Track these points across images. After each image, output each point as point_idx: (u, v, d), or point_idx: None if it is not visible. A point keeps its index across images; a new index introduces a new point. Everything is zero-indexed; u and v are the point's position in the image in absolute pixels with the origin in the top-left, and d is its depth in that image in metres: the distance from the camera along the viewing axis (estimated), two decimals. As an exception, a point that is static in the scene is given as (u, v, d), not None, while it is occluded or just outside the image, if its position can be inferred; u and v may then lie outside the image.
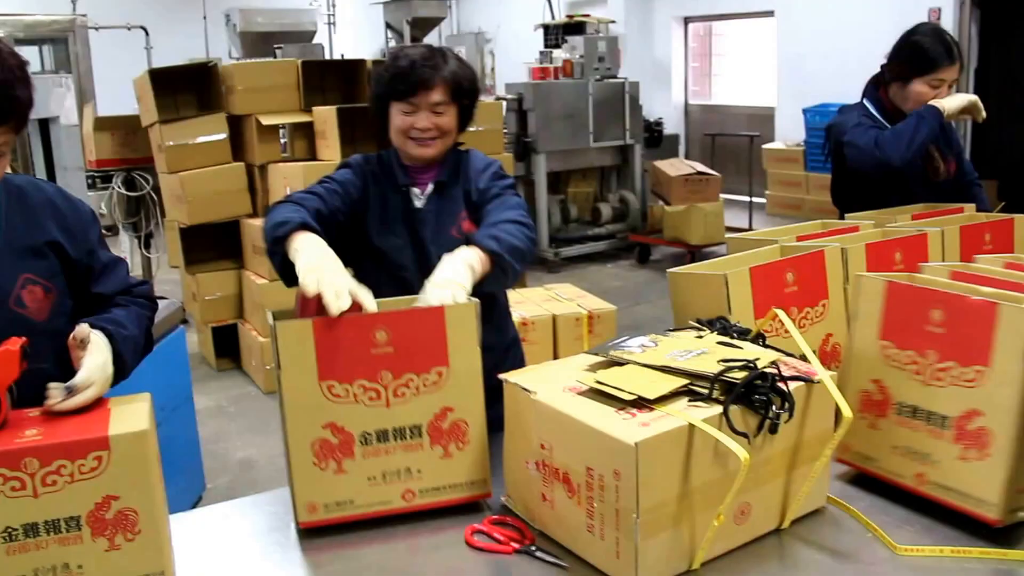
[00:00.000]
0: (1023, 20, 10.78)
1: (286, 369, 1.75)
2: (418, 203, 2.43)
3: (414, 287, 2.03)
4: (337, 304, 1.77)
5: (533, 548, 1.72)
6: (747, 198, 9.93)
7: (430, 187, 2.44)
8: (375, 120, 2.46)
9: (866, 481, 1.94)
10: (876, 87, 3.25)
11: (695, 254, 8.55)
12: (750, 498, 1.67)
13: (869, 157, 2.98)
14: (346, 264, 2.02)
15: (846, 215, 2.92)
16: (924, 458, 1.81)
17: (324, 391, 1.77)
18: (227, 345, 6.25)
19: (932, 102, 2.98)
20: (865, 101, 3.24)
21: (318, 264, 1.91)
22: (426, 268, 2.05)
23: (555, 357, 4.64)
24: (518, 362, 2.55)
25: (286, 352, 1.75)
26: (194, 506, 3.76)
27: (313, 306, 1.82)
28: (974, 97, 3.04)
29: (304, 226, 2.05)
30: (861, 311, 1.92)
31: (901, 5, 9.08)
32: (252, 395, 5.76)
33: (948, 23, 9.24)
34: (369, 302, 1.84)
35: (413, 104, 2.33)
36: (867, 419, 1.91)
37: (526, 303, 5.21)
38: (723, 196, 9.42)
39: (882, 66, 3.24)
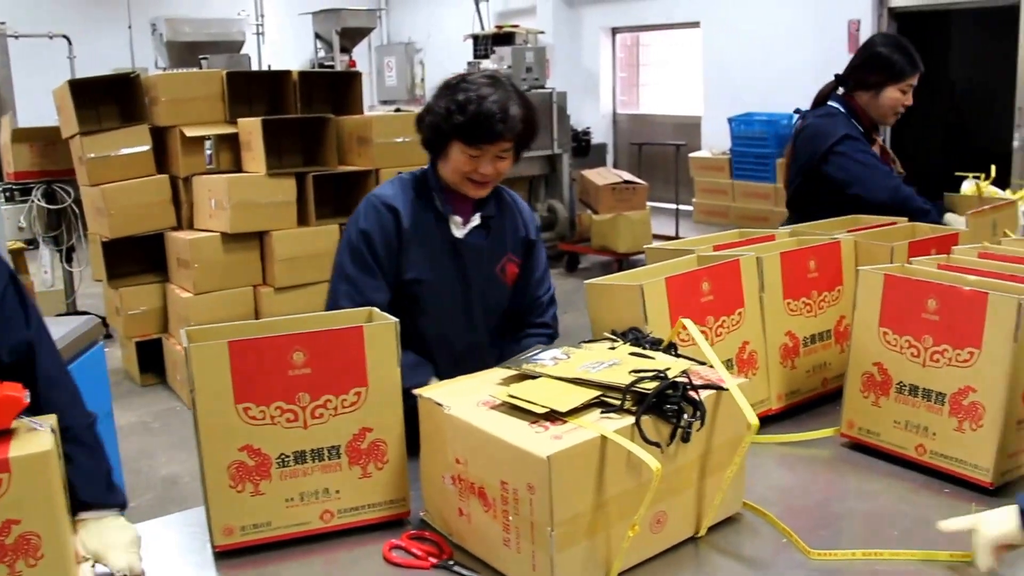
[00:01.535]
0: (937, 31, 11.08)
1: (201, 392, 1.73)
2: (458, 232, 2.37)
3: (451, 322, 2.25)
4: None
5: (451, 563, 1.72)
6: (674, 206, 10.03)
7: (476, 219, 2.39)
8: (427, 143, 2.36)
9: (782, 485, 1.98)
10: (843, 96, 3.40)
11: (623, 262, 8.62)
12: (665, 506, 1.69)
13: (872, 186, 3.19)
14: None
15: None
16: (924, 431, 2.04)
17: (240, 414, 1.74)
18: (152, 360, 6.15)
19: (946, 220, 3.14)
20: (834, 104, 3.39)
21: None
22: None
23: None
24: None
25: (201, 375, 1.72)
26: (115, 525, 3.68)
27: None
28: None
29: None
30: (861, 302, 2.13)
31: (822, 17, 9.25)
32: (177, 410, 5.67)
33: (867, 35, 9.43)
34: None
35: (481, 150, 2.25)
36: (870, 398, 2.14)
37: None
38: (650, 204, 9.50)
39: (839, 76, 3.42)
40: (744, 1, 10.65)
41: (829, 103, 3.40)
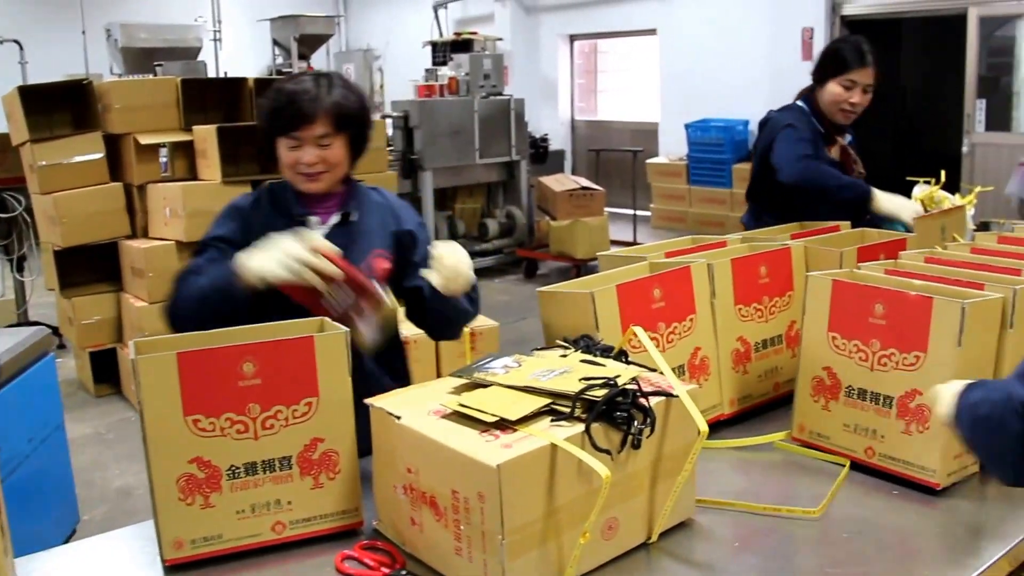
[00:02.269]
0: (889, 39, 11.23)
1: (149, 404, 1.71)
2: (319, 233, 2.33)
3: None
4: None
5: (403, 572, 1.71)
6: (632, 211, 10.09)
7: (334, 218, 2.37)
8: (265, 152, 2.37)
9: (735, 489, 1.99)
10: (807, 95, 3.47)
11: (581, 268, 8.65)
12: (617, 513, 1.70)
13: (786, 163, 3.24)
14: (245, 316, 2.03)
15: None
16: (872, 434, 2.07)
17: (189, 426, 1.73)
18: (106, 370, 6.09)
19: (875, 194, 3.17)
20: (799, 102, 3.47)
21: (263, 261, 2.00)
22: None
23: (438, 375, 4.64)
24: None
25: (149, 387, 1.70)
26: (67, 540, 3.64)
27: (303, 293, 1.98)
28: (915, 211, 3.12)
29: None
30: (810, 307, 2.16)
31: (776, 25, 9.36)
32: (131, 421, 5.61)
33: (820, 42, 9.55)
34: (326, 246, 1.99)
35: (297, 139, 2.25)
36: (820, 402, 2.17)
37: (408, 321, 5.16)
38: (608, 210, 9.55)
39: (811, 73, 3.49)
40: (700, 9, 10.76)
41: (796, 101, 3.49)
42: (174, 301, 2.20)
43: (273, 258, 2.00)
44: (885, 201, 3.16)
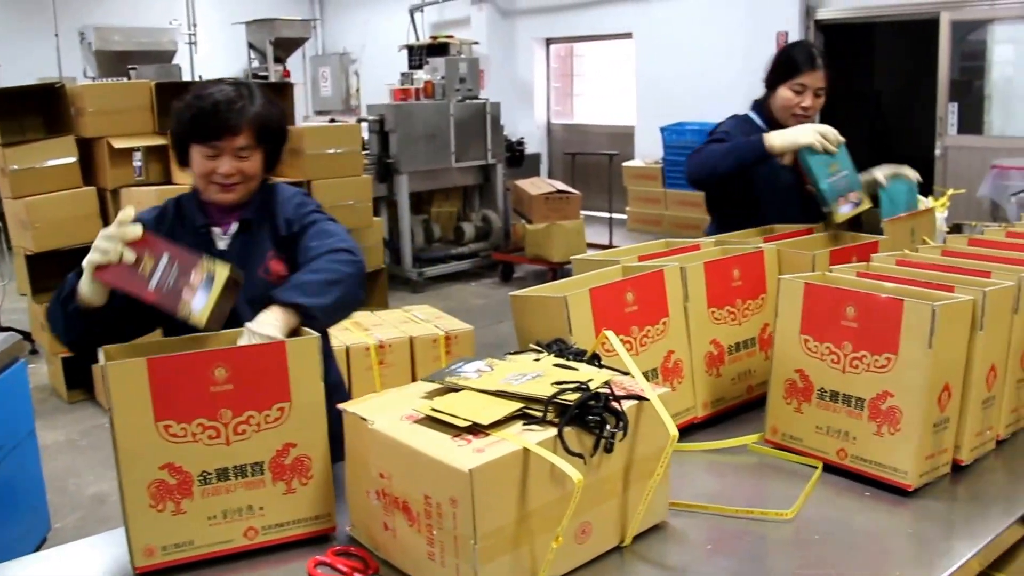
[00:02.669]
0: (863, 43, 11.31)
1: (118, 410, 1.70)
2: (221, 244, 2.31)
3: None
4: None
5: (376, 577, 1.71)
6: (608, 215, 10.11)
7: (234, 226, 2.33)
8: (178, 159, 2.32)
9: (708, 491, 2.00)
10: (760, 102, 3.37)
11: (557, 271, 8.66)
12: (590, 517, 1.70)
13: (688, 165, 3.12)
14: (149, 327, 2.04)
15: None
16: (844, 436, 2.08)
17: (160, 432, 1.72)
18: (79, 376, 6.04)
19: (765, 136, 2.94)
20: (751, 113, 3.37)
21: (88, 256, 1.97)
22: (234, 315, 2.00)
23: (413, 379, 4.63)
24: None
25: (118, 393, 1.69)
26: (38, 548, 3.61)
27: (118, 273, 1.94)
28: (814, 129, 2.92)
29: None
30: (783, 310, 2.16)
31: (751, 29, 9.40)
32: (105, 427, 5.55)
33: (794, 45, 9.60)
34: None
35: (216, 148, 2.20)
36: (792, 404, 2.17)
37: (384, 325, 5.19)
38: (585, 213, 9.57)
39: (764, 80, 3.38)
40: (675, 13, 10.79)
41: (749, 110, 3.40)
42: (51, 322, 2.18)
43: (91, 250, 1.97)
44: (778, 138, 2.92)
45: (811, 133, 2.90)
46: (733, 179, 3.05)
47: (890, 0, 9.15)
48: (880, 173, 3.13)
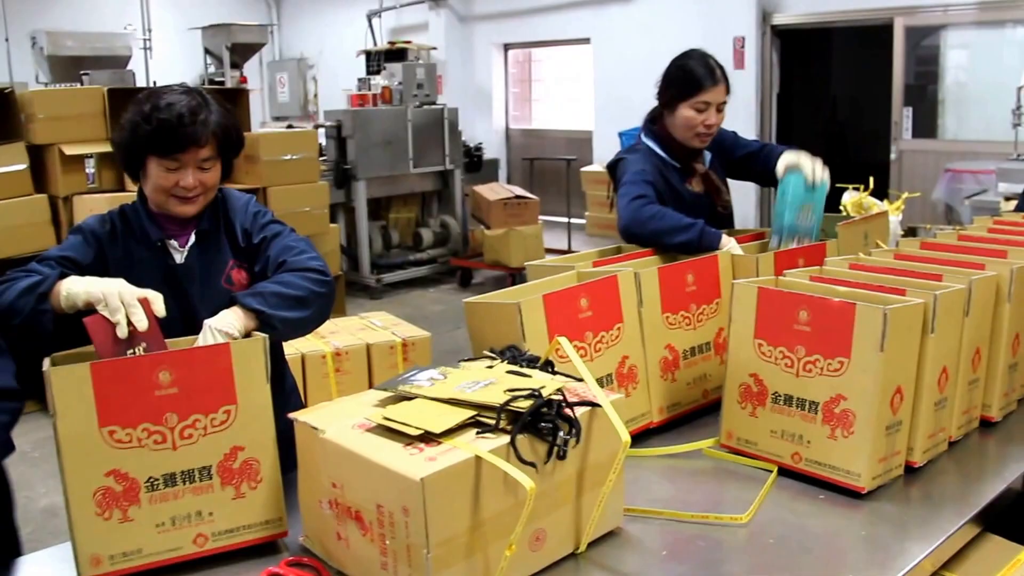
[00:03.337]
0: (818, 49, 11.42)
1: (62, 417, 1.67)
2: (179, 257, 2.25)
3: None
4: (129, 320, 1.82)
5: (329, 588, 1.69)
6: (566, 219, 10.12)
7: (192, 238, 2.26)
8: (131, 170, 2.24)
9: (664, 497, 2.00)
10: (654, 122, 3.15)
11: (515, 277, 8.66)
12: (544, 524, 1.69)
13: (621, 218, 2.89)
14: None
15: None
16: (799, 439, 2.09)
17: (105, 437, 1.69)
18: (31, 387, 5.92)
19: (723, 244, 2.72)
20: (647, 141, 3.12)
21: (102, 288, 1.90)
22: (195, 329, 1.98)
23: (370, 387, 4.61)
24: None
25: (62, 399, 1.67)
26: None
27: (103, 333, 1.86)
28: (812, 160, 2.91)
29: (62, 275, 2.00)
30: (736, 314, 2.17)
31: (708, 34, 9.44)
32: (59, 437, 5.49)
33: (751, 51, 9.67)
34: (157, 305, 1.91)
35: (178, 161, 2.14)
36: (747, 408, 2.18)
37: (340, 333, 5.16)
38: (543, 218, 9.58)
39: (656, 97, 3.13)
40: (633, 19, 10.83)
41: (642, 136, 3.15)
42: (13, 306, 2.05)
43: (103, 285, 1.92)
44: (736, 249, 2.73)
45: (809, 160, 2.87)
46: None
47: (845, 5, 9.23)
48: (781, 164, 2.95)
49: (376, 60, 10.80)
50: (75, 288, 1.97)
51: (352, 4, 13.74)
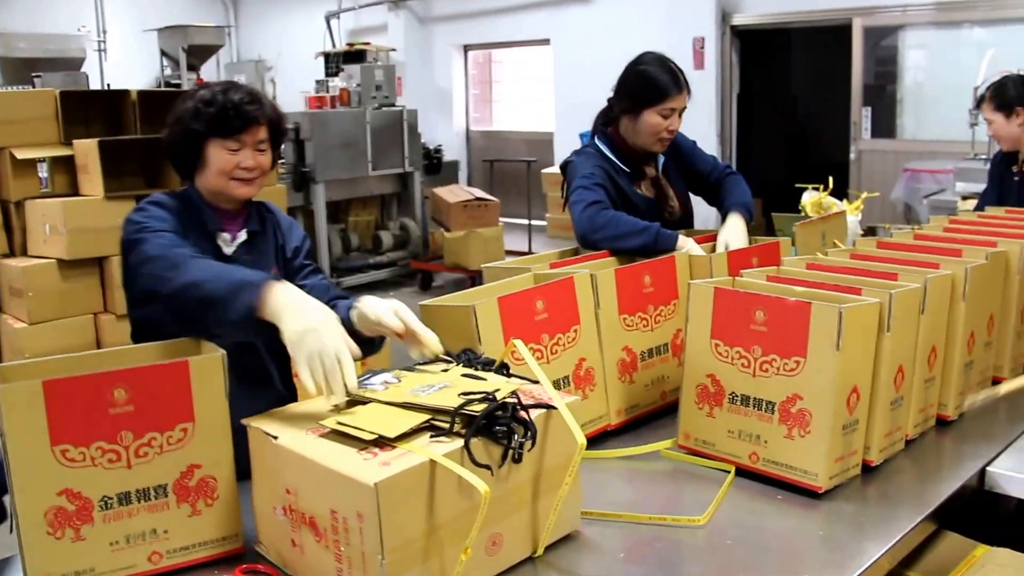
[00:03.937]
0: (778, 50, 11.50)
1: (12, 435, 1.62)
2: (228, 250, 2.33)
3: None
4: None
5: (284, 596, 1.67)
6: (527, 221, 10.13)
7: (242, 235, 2.36)
8: (179, 158, 2.33)
9: (622, 499, 1.99)
10: (606, 125, 3.15)
11: (476, 279, 8.64)
12: (500, 528, 1.68)
13: (577, 225, 2.88)
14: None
15: None
16: (756, 439, 2.08)
17: (57, 456, 1.65)
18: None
19: (681, 245, 2.75)
20: (599, 143, 3.13)
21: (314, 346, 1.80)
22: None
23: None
24: None
25: (12, 417, 1.62)
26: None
27: None
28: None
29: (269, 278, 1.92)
30: (693, 315, 2.17)
31: (668, 35, 9.49)
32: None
33: (711, 52, 9.73)
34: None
35: (239, 142, 2.26)
36: (704, 409, 2.17)
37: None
38: (504, 220, 9.58)
39: (609, 100, 3.13)
40: (592, 19, 10.86)
41: (595, 138, 3.16)
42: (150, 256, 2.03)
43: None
44: (695, 248, 2.76)
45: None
46: None
47: (804, 6, 9.31)
48: None
49: (335, 62, 10.74)
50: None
51: (310, 5, 13.68)
